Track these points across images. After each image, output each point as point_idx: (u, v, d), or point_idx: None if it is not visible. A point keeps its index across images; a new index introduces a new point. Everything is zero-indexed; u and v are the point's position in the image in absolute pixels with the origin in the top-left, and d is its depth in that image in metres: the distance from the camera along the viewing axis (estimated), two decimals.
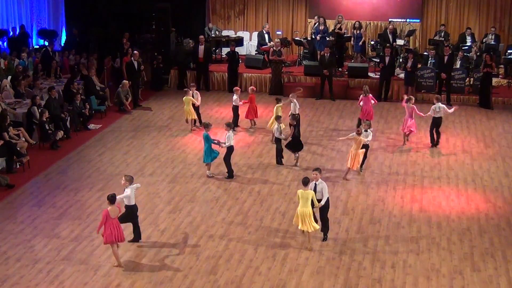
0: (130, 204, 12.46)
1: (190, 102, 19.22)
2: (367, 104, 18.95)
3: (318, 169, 12.89)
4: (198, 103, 19.60)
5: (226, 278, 11.56)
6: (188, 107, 19.25)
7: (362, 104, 19.04)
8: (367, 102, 18.95)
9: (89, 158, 17.42)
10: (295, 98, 18.39)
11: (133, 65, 22.08)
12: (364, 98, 18.93)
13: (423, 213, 14.23)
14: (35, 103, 18.38)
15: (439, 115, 17.93)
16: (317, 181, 12.63)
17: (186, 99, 19.22)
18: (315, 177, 12.65)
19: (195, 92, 19.70)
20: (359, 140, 15.63)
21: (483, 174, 16.47)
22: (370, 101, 18.98)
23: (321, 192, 12.59)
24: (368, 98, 18.92)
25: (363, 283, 11.42)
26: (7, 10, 26.19)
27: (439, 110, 17.85)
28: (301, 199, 12.29)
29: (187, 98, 19.20)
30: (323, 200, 12.57)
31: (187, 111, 19.33)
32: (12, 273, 11.62)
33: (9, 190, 15.19)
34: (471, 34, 25.33)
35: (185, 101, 19.26)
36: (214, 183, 15.80)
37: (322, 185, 12.65)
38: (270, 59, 23.85)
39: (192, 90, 19.59)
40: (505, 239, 13.07)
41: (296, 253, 12.40)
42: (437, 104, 17.89)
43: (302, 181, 12.43)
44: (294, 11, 27.89)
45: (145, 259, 12.18)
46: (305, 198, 12.25)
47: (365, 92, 18.95)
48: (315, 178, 12.65)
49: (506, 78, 24.01)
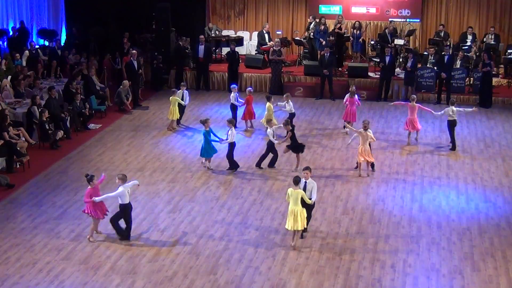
0: (123, 203, 12.56)
1: (176, 102, 19.25)
2: (352, 105, 18.93)
3: (308, 168, 12.96)
4: (185, 103, 19.63)
5: (226, 278, 11.56)
6: (174, 107, 19.26)
7: (348, 104, 19.01)
8: (352, 103, 18.94)
9: (89, 158, 17.42)
10: (290, 99, 18.45)
11: (133, 65, 22.09)
12: (350, 99, 18.91)
13: (423, 213, 14.23)
14: (35, 103, 18.38)
15: (454, 118, 17.78)
16: (307, 179, 12.73)
17: (172, 99, 19.24)
18: (306, 176, 12.74)
19: (185, 91, 19.70)
20: (365, 135, 15.75)
21: (483, 174, 16.47)
22: (355, 102, 18.96)
23: (310, 191, 12.67)
24: (354, 100, 18.91)
25: (363, 283, 11.42)
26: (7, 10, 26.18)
27: (452, 113, 17.68)
28: (291, 198, 12.31)
29: (174, 98, 19.22)
30: (313, 198, 12.64)
31: (171, 111, 19.33)
32: (12, 273, 11.63)
33: (9, 190, 15.19)
34: (472, 33, 25.34)
35: (171, 101, 19.28)
36: (214, 183, 15.81)
37: (313, 184, 12.74)
38: (270, 59, 23.86)
39: (182, 89, 19.62)
40: (505, 239, 13.07)
41: (296, 253, 12.40)
42: (451, 107, 17.74)
43: (293, 180, 12.47)
44: (294, 11, 27.91)
45: (145, 259, 12.18)
46: (294, 197, 12.29)
47: (352, 94, 18.94)
48: (306, 177, 12.74)
49: (506, 78, 24.01)
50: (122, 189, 12.46)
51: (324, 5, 27.00)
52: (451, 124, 17.88)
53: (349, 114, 18.90)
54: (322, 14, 26.12)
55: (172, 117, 19.48)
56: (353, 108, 18.88)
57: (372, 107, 22.17)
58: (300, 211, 12.28)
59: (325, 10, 26.92)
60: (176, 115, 19.45)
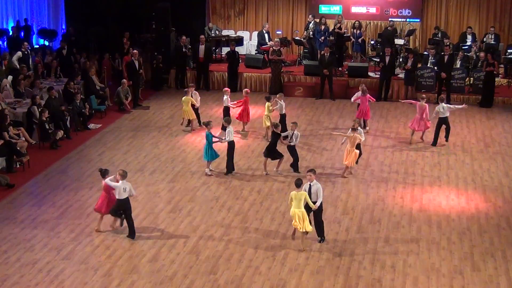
0: (119, 198, 12.69)
1: (189, 102, 19.21)
2: (364, 103, 19.01)
3: (312, 170, 12.67)
4: (197, 104, 19.56)
5: (226, 277, 11.56)
6: (187, 107, 19.23)
7: (360, 103, 19.12)
8: (364, 102, 19.00)
9: (89, 158, 17.42)
10: (282, 99, 18.44)
11: (134, 65, 22.08)
12: (362, 97, 19.00)
13: (423, 213, 14.23)
14: (35, 103, 18.38)
15: (445, 115, 18.04)
16: (312, 182, 12.50)
17: (185, 99, 19.20)
18: (310, 178, 12.49)
19: (194, 92, 19.66)
20: (354, 137, 15.66)
21: (483, 174, 16.47)
22: (367, 100, 19.03)
23: (315, 193, 12.46)
24: (366, 98, 18.98)
25: (363, 283, 11.42)
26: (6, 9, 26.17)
27: (443, 110, 17.96)
28: (294, 201, 12.18)
29: (187, 98, 19.18)
30: (318, 202, 12.42)
31: (185, 111, 19.29)
32: (12, 273, 11.62)
33: (9, 189, 15.18)
34: (472, 33, 25.34)
35: (184, 101, 19.23)
36: (214, 182, 15.80)
37: (317, 186, 12.51)
38: (270, 59, 23.85)
39: (191, 91, 19.56)
40: (505, 239, 13.07)
41: (296, 253, 12.40)
42: (441, 104, 18.03)
43: (295, 183, 12.28)
44: (294, 11, 27.92)
45: (145, 259, 12.18)
46: (298, 199, 12.14)
47: (364, 92, 19.00)
48: (310, 179, 12.50)
49: (506, 77, 24.02)
50: (119, 184, 12.62)
51: (324, 5, 27.03)
52: (441, 120, 18.11)
53: (362, 112, 19.10)
54: (322, 14, 26.14)
55: (187, 117, 19.38)
56: (365, 106, 19.06)
57: (372, 107, 22.09)
58: (302, 215, 12.13)
59: (325, 10, 26.93)
60: (190, 114, 19.36)
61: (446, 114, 18.07)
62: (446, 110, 18.03)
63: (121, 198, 12.65)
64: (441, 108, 18.00)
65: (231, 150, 16.16)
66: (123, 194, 12.64)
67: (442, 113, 18.04)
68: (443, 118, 18.11)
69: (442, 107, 18.01)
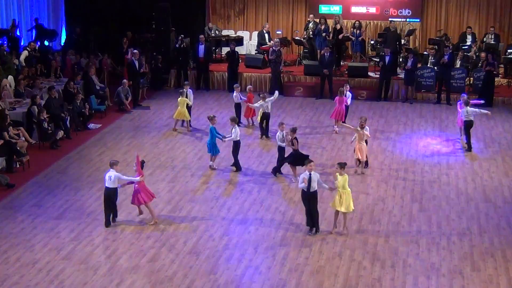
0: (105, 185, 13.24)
1: (185, 103, 19.22)
2: (341, 104, 19.02)
3: (311, 160, 13.37)
4: (190, 103, 19.59)
5: (226, 278, 11.56)
6: (182, 109, 19.22)
7: (336, 104, 19.13)
8: (341, 103, 19.02)
9: (89, 158, 17.42)
10: (268, 97, 18.58)
11: (134, 65, 22.06)
12: (339, 98, 19.02)
13: (423, 213, 14.23)
14: (35, 103, 18.38)
15: (469, 119, 17.69)
16: (311, 172, 12.94)
17: (181, 100, 19.20)
18: (309, 168, 12.96)
19: (189, 90, 19.65)
20: (362, 133, 15.94)
21: (483, 174, 16.47)
22: (344, 102, 19.05)
23: (316, 181, 12.95)
24: (343, 99, 19.00)
25: (363, 283, 11.42)
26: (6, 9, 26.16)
27: (467, 114, 17.63)
28: (341, 181, 12.97)
29: (182, 100, 19.18)
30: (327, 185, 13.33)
31: (180, 113, 19.26)
32: (12, 273, 11.62)
33: (9, 189, 15.18)
34: (472, 33, 25.33)
35: (180, 102, 19.23)
36: (214, 182, 15.81)
37: (317, 175, 13.07)
38: (270, 59, 23.84)
39: (186, 88, 19.57)
40: (505, 239, 13.07)
41: (296, 252, 12.40)
42: (466, 108, 17.68)
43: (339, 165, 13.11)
44: (294, 11, 27.92)
45: (145, 259, 12.18)
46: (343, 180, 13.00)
47: (341, 93, 19.05)
48: (309, 169, 12.94)
49: (506, 77, 24.01)
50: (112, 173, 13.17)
51: (324, 5, 27.02)
52: (467, 124, 17.78)
53: (338, 113, 19.11)
54: (322, 14, 26.12)
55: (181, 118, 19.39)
56: (341, 107, 19.03)
57: (372, 107, 22.16)
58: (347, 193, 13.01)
59: (325, 10, 26.92)
60: (187, 116, 19.40)
61: (470, 117, 17.64)
62: (470, 114, 17.62)
63: (106, 186, 13.16)
64: (465, 112, 17.62)
65: (236, 150, 16.21)
66: (109, 184, 13.10)
67: (466, 117, 17.62)
68: (468, 121, 17.67)
69: (466, 111, 17.61)
